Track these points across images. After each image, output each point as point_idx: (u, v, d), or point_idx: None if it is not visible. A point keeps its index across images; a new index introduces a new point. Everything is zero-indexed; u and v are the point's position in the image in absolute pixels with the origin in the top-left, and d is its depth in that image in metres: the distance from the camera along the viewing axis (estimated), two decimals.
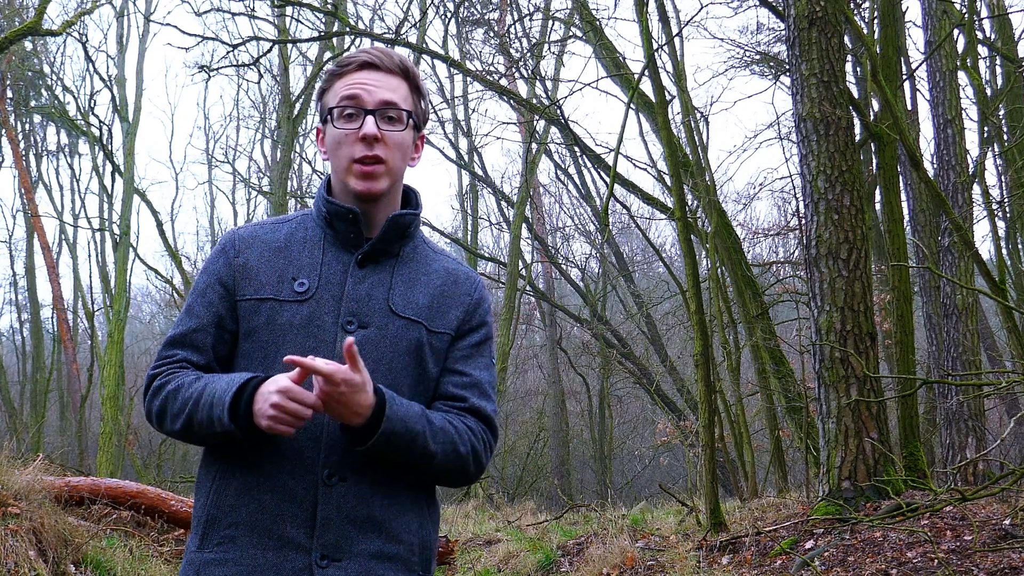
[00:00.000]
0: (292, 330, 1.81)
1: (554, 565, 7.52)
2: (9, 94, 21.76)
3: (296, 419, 1.66)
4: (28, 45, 20.99)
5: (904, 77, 11.63)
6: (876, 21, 10.51)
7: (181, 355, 1.85)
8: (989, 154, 13.44)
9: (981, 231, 33.60)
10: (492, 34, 18.48)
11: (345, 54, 1.93)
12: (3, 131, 21.44)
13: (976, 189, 11.38)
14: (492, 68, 19.00)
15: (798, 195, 10.28)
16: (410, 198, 1.97)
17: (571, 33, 17.99)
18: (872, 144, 10.85)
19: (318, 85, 1.96)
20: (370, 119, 1.83)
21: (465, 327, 1.93)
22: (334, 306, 1.82)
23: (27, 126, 23.44)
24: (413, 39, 17.15)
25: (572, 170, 21.53)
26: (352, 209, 1.85)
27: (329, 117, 1.87)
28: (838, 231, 7.09)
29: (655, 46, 9.51)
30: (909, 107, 12.81)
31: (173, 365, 1.84)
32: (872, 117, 9.29)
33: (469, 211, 22.40)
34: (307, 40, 16.40)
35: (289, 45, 17.95)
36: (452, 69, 19.89)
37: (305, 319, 1.81)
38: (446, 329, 1.90)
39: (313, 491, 1.75)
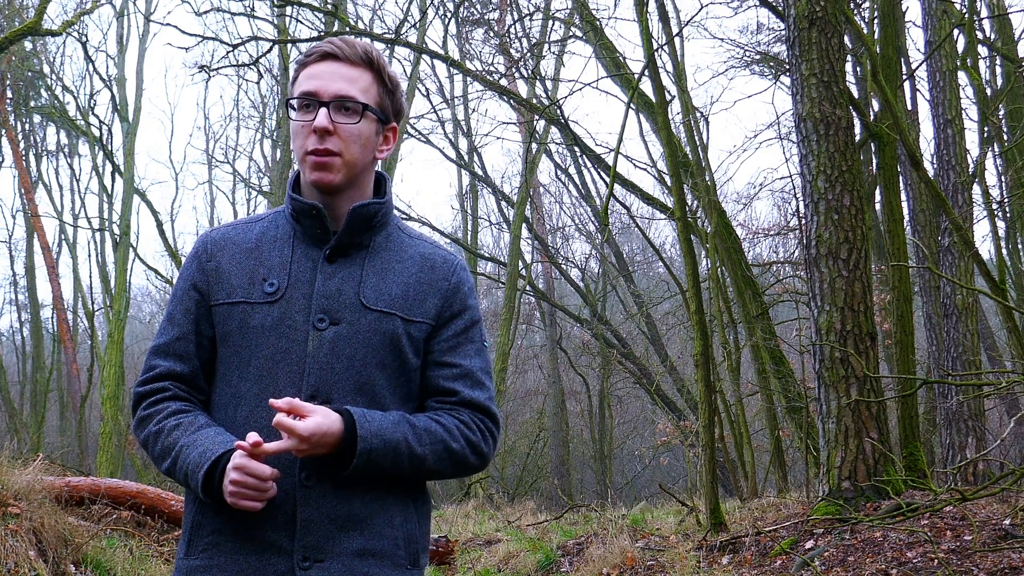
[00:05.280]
0: (264, 332, 1.80)
1: (554, 565, 7.52)
2: (9, 94, 21.74)
3: (258, 492, 1.68)
4: (28, 45, 20.98)
5: (904, 77, 11.62)
6: (876, 21, 10.51)
7: (165, 367, 1.85)
8: (989, 154, 13.44)
9: (981, 231, 33.64)
10: (492, 34, 18.48)
11: (312, 45, 1.93)
12: (3, 131, 21.43)
13: (976, 189, 11.40)
14: (492, 68, 19.01)
15: (798, 195, 10.28)
16: (379, 187, 1.93)
17: (571, 33, 17.99)
18: (872, 144, 10.86)
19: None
20: (323, 112, 1.80)
21: (446, 314, 1.89)
22: (304, 304, 1.81)
23: (27, 126, 23.42)
24: (413, 39, 17.15)
25: (572, 170, 21.55)
26: (315, 205, 1.83)
27: (291, 109, 1.86)
28: (838, 231, 7.09)
29: (655, 46, 9.51)
30: (909, 107, 12.81)
31: (155, 384, 1.84)
32: (872, 117, 9.29)
33: (469, 211, 22.40)
34: (307, 40, 16.35)
35: (289, 45, 17.93)
36: (452, 69, 19.89)
37: (276, 320, 1.80)
38: (424, 318, 1.87)
39: (292, 493, 1.74)
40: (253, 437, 1.67)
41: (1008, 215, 14.04)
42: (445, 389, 1.87)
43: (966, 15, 10.75)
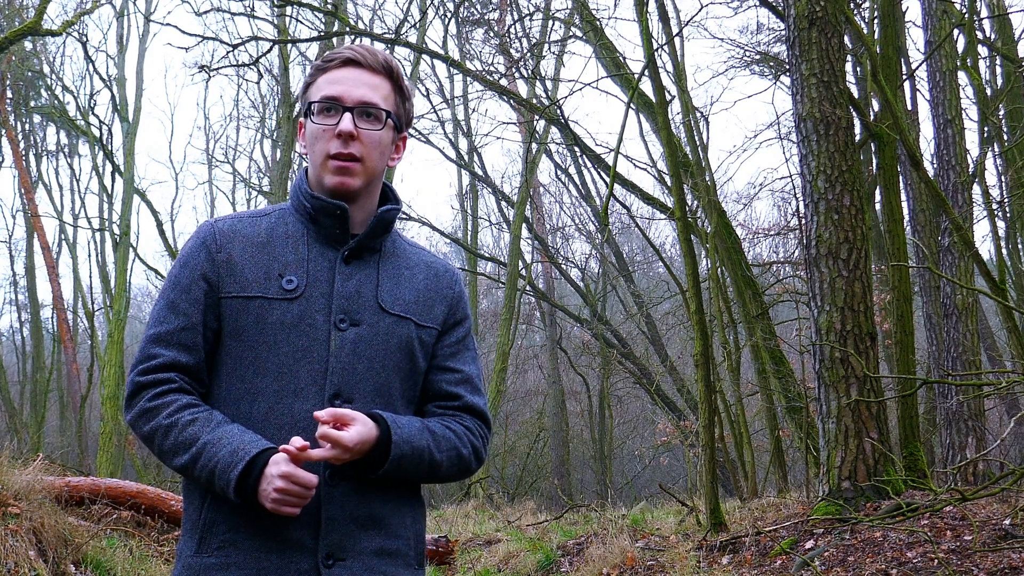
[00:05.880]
0: (284, 329, 1.79)
1: (554, 565, 7.52)
2: (9, 94, 21.75)
3: (300, 500, 1.69)
4: (28, 45, 20.98)
5: (904, 77, 11.62)
6: (876, 21, 10.51)
7: (168, 357, 1.79)
8: (989, 154, 13.45)
9: (981, 231, 33.67)
10: (492, 34, 18.48)
11: (333, 50, 1.93)
12: (3, 131, 21.44)
13: (976, 189, 11.40)
14: (492, 68, 19.01)
15: (798, 195, 10.27)
16: (388, 194, 1.96)
17: (571, 33, 17.99)
18: (872, 144, 10.85)
19: (303, 79, 1.97)
20: (347, 116, 1.82)
21: (450, 321, 1.95)
22: (324, 304, 1.81)
23: (27, 126, 23.43)
24: (413, 39, 17.15)
25: (572, 170, 21.55)
26: (340, 205, 1.83)
27: (310, 112, 1.86)
28: (838, 231, 7.09)
29: (655, 46, 9.51)
30: (909, 107, 12.81)
31: (159, 374, 1.79)
32: (872, 117, 9.29)
33: (469, 211, 22.39)
34: (307, 40, 16.40)
35: (289, 45, 17.94)
36: (452, 69, 19.89)
37: (296, 318, 1.79)
38: (433, 324, 1.92)
39: (316, 492, 1.74)
40: (299, 442, 1.67)
41: (1008, 215, 14.03)
42: (448, 393, 1.91)
43: (966, 15, 10.75)
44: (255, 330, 1.80)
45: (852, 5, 10.27)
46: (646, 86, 13.03)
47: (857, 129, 9.45)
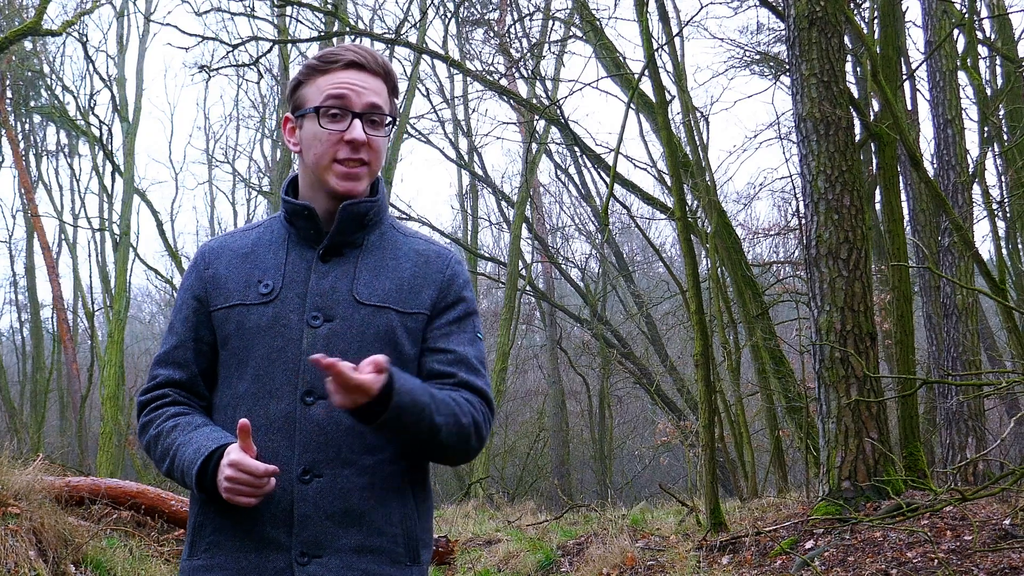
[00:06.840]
0: (260, 332, 1.82)
1: (554, 565, 7.52)
2: (9, 94, 21.74)
3: (252, 488, 1.69)
4: (28, 45, 20.97)
5: (904, 77, 11.62)
6: (876, 21, 10.51)
7: (164, 375, 1.90)
8: (989, 154, 13.45)
9: (981, 231, 33.67)
10: (492, 34, 18.47)
11: (329, 50, 1.93)
12: (3, 131, 21.43)
13: (976, 189, 11.40)
14: (492, 68, 19.00)
15: (798, 195, 10.27)
16: (373, 186, 1.95)
17: (571, 33, 17.98)
18: (872, 144, 10.85)
19: (294, 75, 1.97)
20: (358, 123, 1.83)
21: (441, 304, 1.90)
22: (299, 303, 1.83)
23: (27, 126, 23.42)
24: (413, 39, 17.14)
25: (572, 170, 21.57)
26: (307, 205, 1.86)
27: (314, 114, 1.85)
28: (838, 231, 7.09)
29: (655, 46, 9.51)
30: (909, 107, 12.81)
31: (156, 391, 1.89)
32: (872, 117, 9.29)
33: (469, 211, 22.41)
34: (307, 40, 16.38)
35: (289, 45, 17.93)
36: (452, 69, 19.89)
37: (271, 319, 1.82)
38: (420, 309, 1.88)
39: (289, 490, 1.76)
40: (245, 423, 1.69)
41: (1008, 215, 14.03)
42: (442, 372, 1.86)
43: (966, 15, 10.75)
44: (236, 337, 1.85)
45: (852, 5, 10.27)
46: (646, 86, 13.03)
47: (857, 129, 9.45)
